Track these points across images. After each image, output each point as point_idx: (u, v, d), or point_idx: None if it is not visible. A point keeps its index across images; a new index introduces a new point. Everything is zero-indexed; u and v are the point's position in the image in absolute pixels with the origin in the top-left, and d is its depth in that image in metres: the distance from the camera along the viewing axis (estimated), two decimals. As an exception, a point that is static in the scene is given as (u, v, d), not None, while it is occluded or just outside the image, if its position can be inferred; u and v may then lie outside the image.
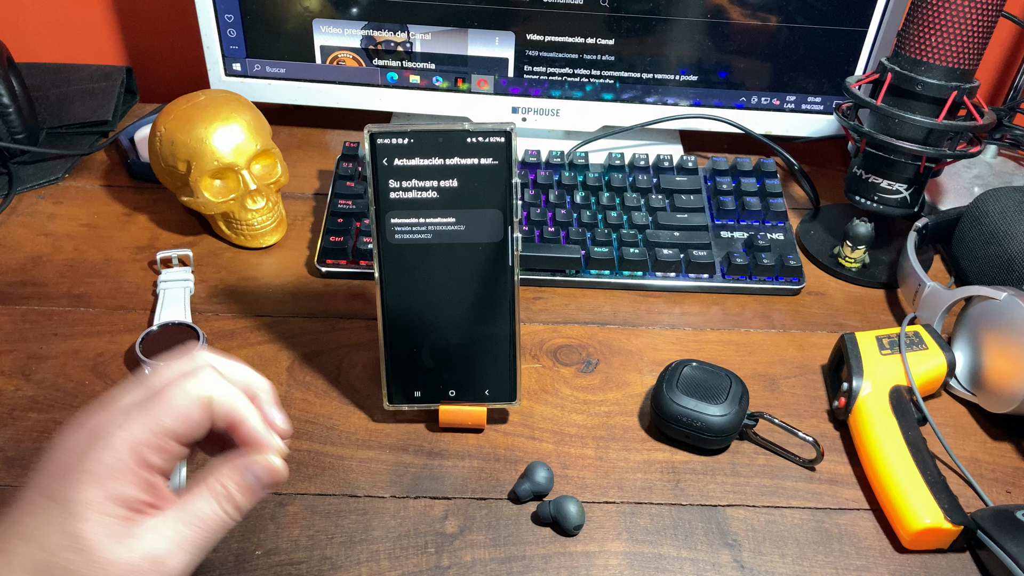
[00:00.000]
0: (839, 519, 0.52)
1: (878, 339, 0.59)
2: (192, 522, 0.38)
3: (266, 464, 0.40)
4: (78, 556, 0.35)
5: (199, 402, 0.39)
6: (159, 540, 0.37)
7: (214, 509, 0.38)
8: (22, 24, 0.96)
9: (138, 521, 0.37)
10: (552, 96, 0.83)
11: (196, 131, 0.65)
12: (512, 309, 0.53)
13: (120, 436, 0.37)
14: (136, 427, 0.37)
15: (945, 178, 0.82)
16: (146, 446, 0.37)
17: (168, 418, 0.38)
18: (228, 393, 0.40)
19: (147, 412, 0.38)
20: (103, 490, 0.36)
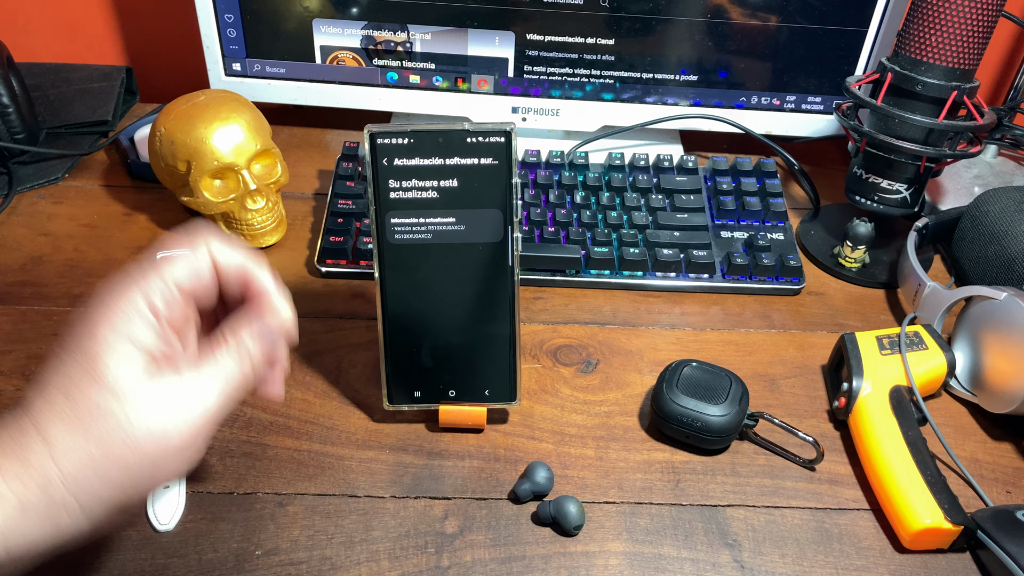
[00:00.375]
0: (839, 519, 0.52)
1: (878, 339, 0.59)
2: (213, 376, 0.39)
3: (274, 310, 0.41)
4: (106, 396, 0.36)
5: (204, 258, 0.41)
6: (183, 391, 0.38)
7: (231, 361, 0.39)
8: (22, 24, 0.96)
9: (160, 373, 0.37)
10: (552, 96, 0.83)
11: (196, 131, 0.65)
12: (512, 309, 0.53)
13: (131, 286, 0.39)
14: (146, 278, 0.39)
15: (945, 178, 0.82)
16: (157, 295, 0.39)
17: (177, 271, 0.40)
18: (234, 249, 0.42)
19: (156, 268, 0.40)
20: (121, 334, 0.37)
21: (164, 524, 0.49)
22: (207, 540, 0.48)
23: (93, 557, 0.47)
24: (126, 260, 0.69)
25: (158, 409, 0.36)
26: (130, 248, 0.71)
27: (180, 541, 0.48)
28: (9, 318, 0.63)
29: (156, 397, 0.37)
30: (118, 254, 0.70)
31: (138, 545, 0.48)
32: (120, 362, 0.36)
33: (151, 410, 0.36)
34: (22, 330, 0.62)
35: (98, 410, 0.36)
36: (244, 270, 0.42)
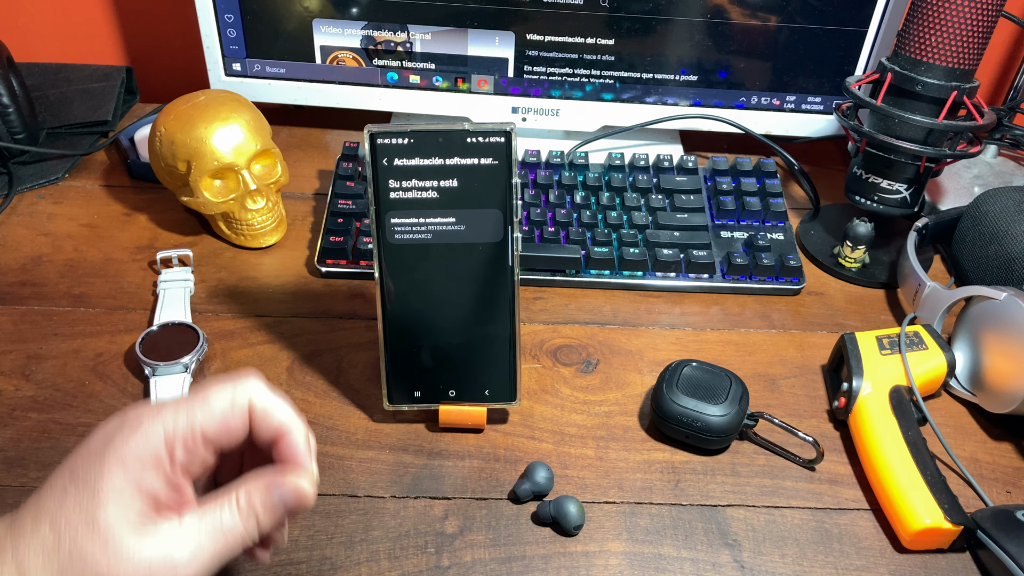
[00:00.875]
0: (839, 519, 0.52)
1: (878, 339, 0.59)
2: (212, 532, 0.37)
3: (295, 487, 0.39)
4: (94, 541, 0.34)
5: (240, 409, 0.38)
6: (177, 543, 0.36)
7: (236, 523, 0.37)
8: (22, 24, 0.96)
9: (157, 520, 0.36)
10: (552, 96, 0.83)
11: (196, 131, 0.65)
12: (512, 309, 0.53)
13: (154, 426, 0.37)
14: (171, 420, 0.37)
15: (945, 178, 0.82)
16: (179, 441, 0.37)
17: (206, 418, 0.37)
18: (275, 403, 0.39)
19: (186, 408, 0.37)
20: (129, 478, 0.35)
21: (164, 524, 0.49)
22: (207, 540, 0.48)
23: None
24: (126, 260, 0.69)
25: (143, 563, 0.35)
26: (130, 248, 0.71)
27: (180, 541, 0.48)
28: (9, 318, 0.63)
29: (145, 551, 0.35)
30: (118, 254, 0.70)
31: (138, 545, 0.48)
32: (119, 510, 0.35)
33: (136, 564, 0.35)
34: (22, 330, 0.62)
35: (81, 556, 0.34)
36: (281, 429, 0.39)
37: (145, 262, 0.69)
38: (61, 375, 0.58)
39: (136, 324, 0.63)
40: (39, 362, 0.59)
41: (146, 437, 0.36)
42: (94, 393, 0.57)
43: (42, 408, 0.56)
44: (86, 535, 0.35)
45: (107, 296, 0.66)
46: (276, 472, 0.39)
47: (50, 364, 0.59)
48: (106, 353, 0.60)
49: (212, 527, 0.37)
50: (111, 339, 0.62)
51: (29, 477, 0.51)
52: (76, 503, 0.35)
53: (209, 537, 0.37)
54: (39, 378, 0.58)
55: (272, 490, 0.38)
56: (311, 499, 0.39)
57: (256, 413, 0.39)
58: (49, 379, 0.58)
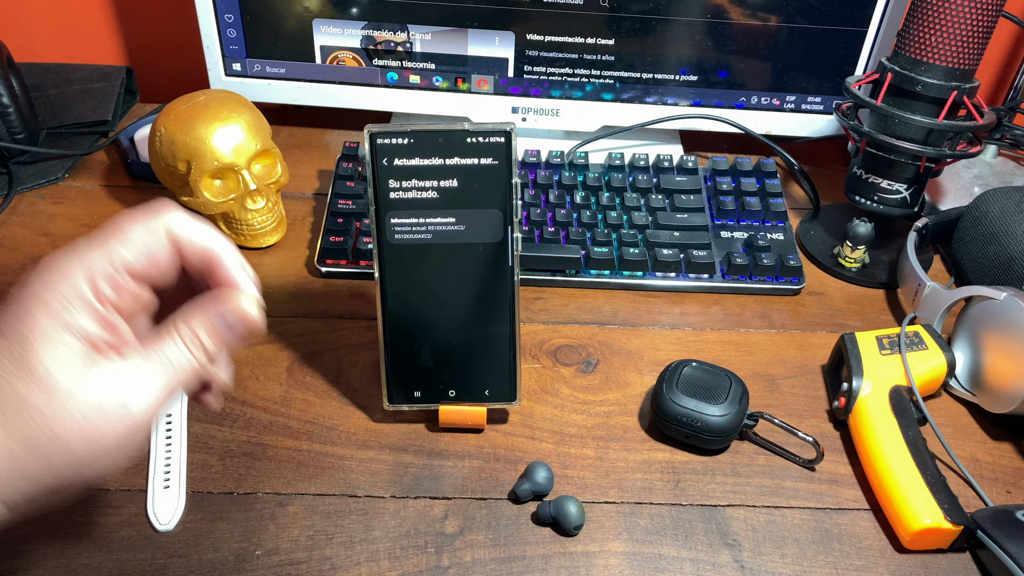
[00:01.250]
0: (839, 519, 0.52)
1: (878, 339, 0.59)
2: (159, 367, 0.35)
3: (238, 309, 0.37)
4: (31, 387, 0.33)
5: (162, 237, 0.37)
6: (123, 382, 0.34)
7: (182, 354, 0.36)
8: (22, 24, 0.96)
9: (98, 360, 0.34)
10: (552, 96, 0.83)
11: (196, 131, 0.65)
12: (512, 309, 0.53)
13: (75, 266, 0.35)
14: (92, 258, 0.35)
15: (945, 178, 0.82)
16: (103, 277, 0.35)
17: (127, 250, 0.36)
18: (198, 228, 0.38)
19: (105, 244, 0.36)
20: (57, 320, 0.34)
21: (164, 524, 0.49)
22: (207, 540, 0.48)
23: (93, 557, 0.47)
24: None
25: (90, 405, 0.33)
26: (130, 248, 0.71)
27: (180, 541, 0.48)
28: (9, 318, 0.63)
29: (90, 391, 0.33)
30: (118, 254, 0.70)
31: (138, 545, 0.48)
32: (54, 352, 0.33)
33: (82, 407, 0.33)
34: (22, 330, 0.62)
35: (24, 405, 0.33)
36: (209, 252, 0.38)
37: (145, 262, 0.69)
38: (61, 375, 0.58)
39: (136, 324, 0.63)
40: (39, 362, 0.59)
41: (65, 278, 0.35)
42: (94, 393, 0.57)
43: (42, 408, 0.56)
44: (23, 383, 0.33)
45: (107, 296, 0.65)
46: (214, 297, 0.37)
47: (50, 364, 0.59)
48: (106, 353, 0.60)
49: (158, 362, 0.36)
50: (111, 339, 0.61)
51: None
52: (8, 356, 0.33)
53: (157, 373, 0.35)
54: (39, 378, 0.58)
55: (214, 316, 0.37)
56: (256, 320, 0.38)
57: (181, 241, 0.37)
58: (49, 379, 0.58)
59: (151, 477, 0.51)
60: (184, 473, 0.52)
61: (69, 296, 0.34)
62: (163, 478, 0.51)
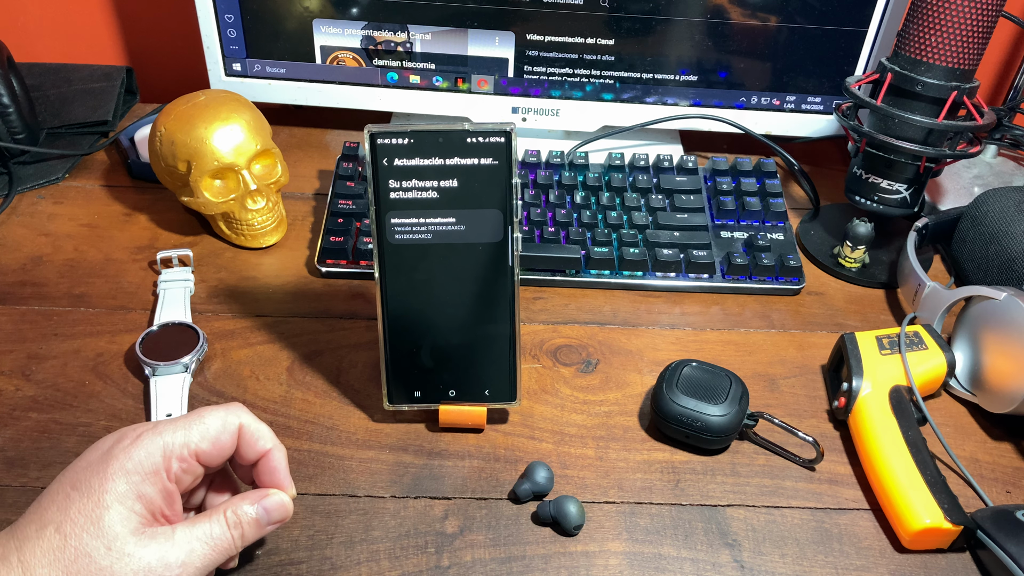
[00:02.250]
0: (839, 519, 0.52)
1: (878, 339, 0.59)
2: (203, 540, 0.40)
3: (279, 500, 0.43)
4: (98, 543, 0.37)
5: (231, 430, 0.43)
6: (172, 548, 0.39)
7: (224, 532, 0.41)
8: (22, 24, 0.96)
9: (155, 528, 0.39)
10: (552, 96, 0.83)
11: (196, 131, 0.65)
12: (512, 309, 0.53)
13: (155, 440, 0.40)
14: (171, 436, 0.41)
15: (945, 178, 0.82)
16: (176, 455, 0.40)
17: (201, 436, 0.42)
18: (260, 426, 0.44)
19: (184, 426, 0.41)
20: (131, 485, 0.39)
21: (164, 524, 0.49)
22: (207, 540, 0.48)
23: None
24: (126, 260, 0.69)
25: (142, 567, 0.38)
26: (130, 248, 0.71)
27: (180, 541, 0.48)
28: (9, 318, 0.63)
29: (144, 554, 0.38)
30: (118, 254, 0.70)
31: (138, 545, 0.48)
32: (121, 514, 0.38)
33: (135, 566, 0.37)
34: (22, 330, 0.62)
35: (86, 556, 0.37)
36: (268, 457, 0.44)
37: (145, 262, 0.69)
38: (61, 375, 0.58)
39: (136, 324, 0.63)
40: (39, 362, 0.59)
41: (147, 450, 0.40)
42: (94, 393, 0.57)
43: (42, 408, 0.56)
44: (91, 537, 0.37)
45: (107, 296, 0.66)
46: (261, 491, 0.44)
47: (50, 364, 0.59)
48: (106, 353, 0.60)
49: (202, 536, 0.40)
50: (111, 339, 0.62)
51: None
52: (80, 508, 0.38)
53: (199, 545, 0.40)
54: (39, 378, 0.58)
55: (256, 504, 0.43)
56: (290, 512, 0.45)
57: (244, 435, 0.43)
58: (49, 379, 0.58)
59: (151, 477, 0.51)
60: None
61: (146, 466, 0.39)
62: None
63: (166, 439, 0.40)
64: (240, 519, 0.42)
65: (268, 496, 0.43)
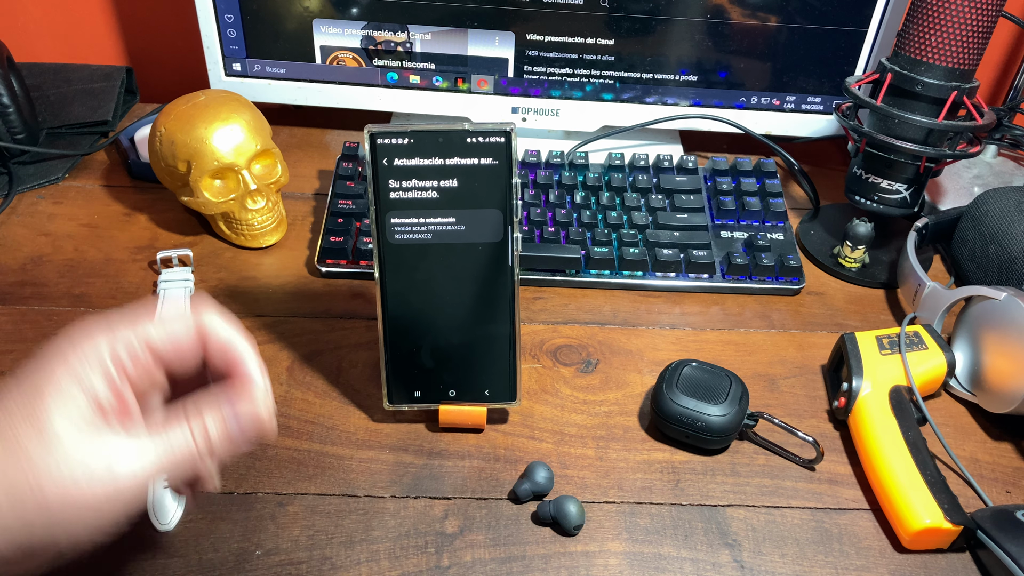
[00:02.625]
0: (839, 519, 0.52)
1: (878, 339, 0.59)
2: (159, 446, 0.35)
3: (253, 413, 0.37)
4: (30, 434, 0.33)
5: (190, 325, 0.37)
6: (120, 454, 0.34)
7: (187, 441, 0.36)
8: (22, 24, 0.96)
9: (101, 427, 0.34)
10: (552, 96, 0.83)
11: (196, 131, 0.65)
12: (512, 309, 0.53)
13: (102, 330, 0.36)
14: (120, 328, 0.36)
15: (945, 178, 0.82)
16: (125, 348, 0.36)
17: (155, 329, 0.37)
18: (228, 328, 0.38)
19: (135, 318, 0.37)
20: (72, 376, 0.34)
21: (164, 524, 0.49)
22: (207, 540, 0.48)
23: (93, 557, 0.47)
24: (126, 260, 0.69)
25: (80, 464, 0.33)
26: (130, 248, 0.71)
27: (180, 541, 0.48)
28: (9, 318, 0.63)
29: (83, 451, 0.33)
30: (118, 254, 0.70)
31: (138, 545, 0.48)
32: (62, 407, 0.34)
33: (72, 464, 0.33)
34: (22, 330, 0.62)
35: (19, 452, 0.33)
36: (231, 347, 0.38)
37: (145, 262, 0.69)
38: (61, 375, 0.58)
39: (136, 324, 0.63)
40: (39, 362, 0.59)
41: (90, 339, 0.35)
42: (94, 393, 0.57)
43: (42, 408, 0.56)
44: (25, 431, 0.33)
45: (107, 296, 0.66)
46: (230, 390, 0.37)
47: (50, 364, 0.59)
48: (106, 353, 0.60)
49: (159, 440, 0.35)
50: (111, 339, 0.61)
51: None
52: (16, 399, 0.34)
53: (153, 449, 0.35)
54: (39, 378, 0.58)
55: (228, 413, 0.37)
56: (266, 424, 0.38)
57: (207, 333, 0.38)
58: (49, 379, 0.58)
59: (151, 477, 0.51)
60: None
61: (89, 356, 0.35)
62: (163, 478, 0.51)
63: (113, 328, 0.36)
64: (206, 427, 0.36)
65: (239, 400, 0.37)
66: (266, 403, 0.38)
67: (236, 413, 0.37)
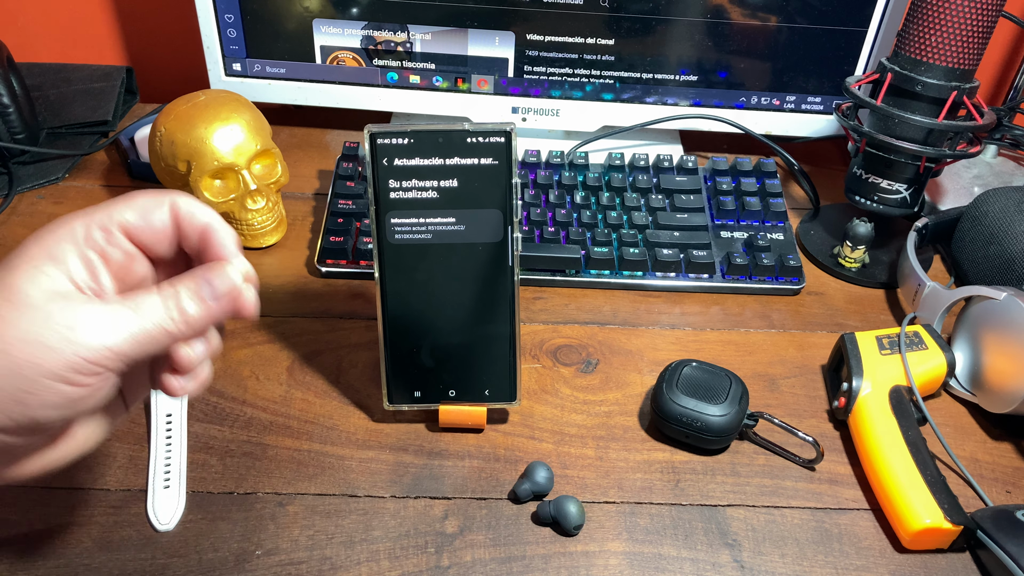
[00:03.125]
0: (839, 519, 0.52)
1: (878, 339, 0.59)
2: (130, 313, 0.34)
3: (227, 277, 0.37)
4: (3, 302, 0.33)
5: (164, 207, 0.38)
6: (91, 315, 0.34)
7: (158, 310, 0.35)
8: (22, 24, 0.96)
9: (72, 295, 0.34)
10: (552, 96, 0.83)
11: (196, 131, 0.66)
12: (512, 309, 0.53)
13: (77, 216, 0.36)
14: (93, 211, 0.37)
15: (945, 178, 0.82)
16: (97, 225, 0.36)
17: (128, 210, 0.37)
18: (201, 208, 0.38)
19: (108, 203, 0.37)
20: (44, 251, 0.35)
21: (164, 524, 0.49)
22: (207, 540, 0.48)
23: (93, 557, 0.47)
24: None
25: (45, 325, 0.33)
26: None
27: (180, 541, 0.48)
28: (9, 318, 0.63)
29: (50, 313, 0.33)
30: (118, 254, 0.70)
31: (138, 545, 0.48)
32: (34, 277, 0.34)
33: (38, 324, 0.33)
34: (22, 330, 0.62)
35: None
36: (206, 228, 0.38)
37: (145, 262, 0.69)
38: (61, 375, 0.58)
39: (136, 324, 0.63)
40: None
41: (64, 224, 0.36)
42: (94, 393, 0.57)
43: (42, 408, 0.56)
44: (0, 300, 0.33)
45: (107, 296, 0.65)
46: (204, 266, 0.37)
47: (50, 364, 0.59)
48: (106, 353, 0.60)
49: (131, 309, 0.35)
50: (111, 339, 0.61)
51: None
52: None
53: (125, 319, 0.34)
54: (39, 378, 0.58)
55: (201, 280, 0.37)
56: (242, 291, 0.38)
57: (181, 215, 0.38)
58: (49, 379, 0.58)
59: (151, 477, 0.51)
60: (184, 473, 0.52)
61: (63, 237, 0.35)
62: (163, 478, 0.51)
63: (87, 213, 0.36)
64: (177, 291, 0.36)
65: (215, 274, 0.37)
66: (243, 275, 0.38)
67: (209, 280, 0.37)
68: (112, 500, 0.50)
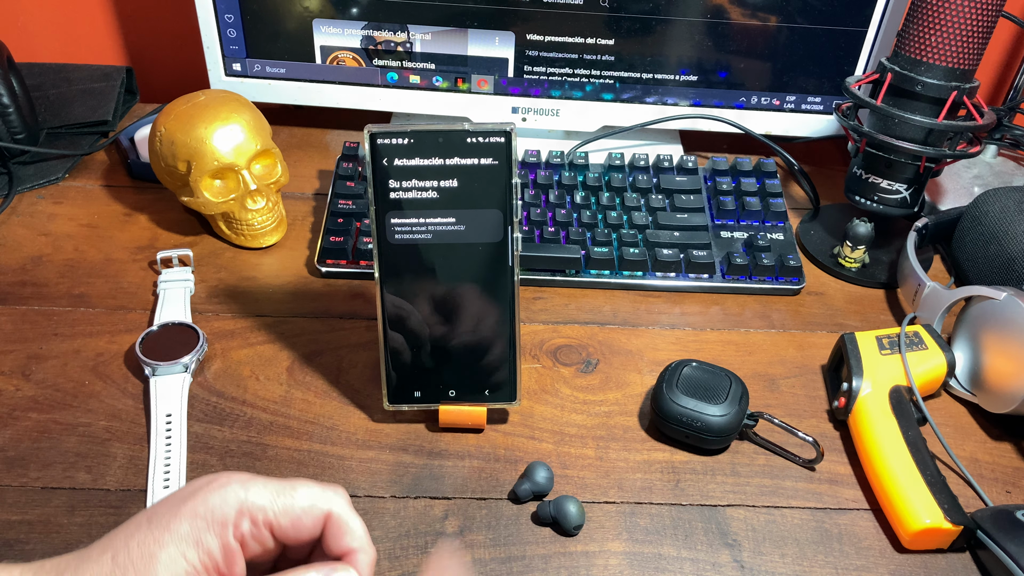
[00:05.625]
0: (839, 519, 0.52)
1: (878, 339, 0.59)
2: None
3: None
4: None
5: (317, 510, 0.38)
6: None
7: None
8: (22, 24, 0.96)
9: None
10: (552, 96, 0.83)
11: (196, 131, 0.66)
12: (512, 309, 0.53)
13: (235, 491, 0.37)
14: (255, 492, 0.37)
15: (945, 178, 0.82)
16: (249, 515, 0.37)
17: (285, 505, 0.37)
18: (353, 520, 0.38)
19: (272, 489, 0.37)
20: (194, 529, 0.36)
21: (164, 524, 0.49)
22: (207, 540, 0.48)
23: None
24: (126, 260, 0.69)
25: None
26: (130, 248, 0.71)
27: (180, 541, 0.48)
28: (9, 318, 0.63)
29: None
30: (118, 254, 0.70)
31: (138, 545, 0.48)
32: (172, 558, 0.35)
33: None
34: (22, 330, 0.62)
35: None
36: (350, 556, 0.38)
37: (145, 262, 0.69)
38: (61, 375, 0.58)
39: (136, 324, 0.63)
40: (39, 362, 0.59)
41: (223, 498, 0.36)
42: (94, 393, 0.57)
43: (42, 408, 0.56)
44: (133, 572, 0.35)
45: (107, 296, 0.66)
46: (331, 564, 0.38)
47: (50, 364, 0.59)
48: (106, 353, 0.60)
49: None
50: (111, 339, 0.62)
51: (29, 477, 0.51)
52: (140, 542, 0.35)
53: None
54: (39, 378, 0.58)
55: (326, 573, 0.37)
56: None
57: (331, 524, 0.38)
58: (49, 379, 0.58)
59: (151, 477, 0.51)
60: (184, 473, 0.52)
61: (216, 514, 0.36)
62: (163, 478, 0.51)
63: (249, 496, 0.37)
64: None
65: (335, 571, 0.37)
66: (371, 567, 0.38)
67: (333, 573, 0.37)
68: (112, 500, 0.50)
